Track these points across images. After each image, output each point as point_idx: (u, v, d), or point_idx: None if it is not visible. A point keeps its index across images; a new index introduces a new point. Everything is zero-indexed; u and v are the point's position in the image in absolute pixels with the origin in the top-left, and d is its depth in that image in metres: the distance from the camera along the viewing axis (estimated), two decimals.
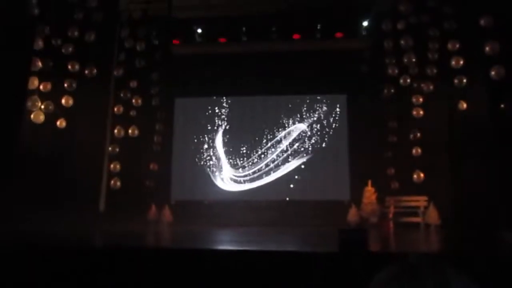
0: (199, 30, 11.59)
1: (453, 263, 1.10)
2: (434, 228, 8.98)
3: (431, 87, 9.22)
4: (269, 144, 11.66)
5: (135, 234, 7.16)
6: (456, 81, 8.63)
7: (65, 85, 9.01)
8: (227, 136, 11.83)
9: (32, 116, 8.38)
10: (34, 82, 8.52)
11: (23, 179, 8.52)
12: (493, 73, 7.57)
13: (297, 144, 11.60)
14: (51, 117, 8.92)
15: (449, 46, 8.64)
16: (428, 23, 9.05)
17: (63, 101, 9.11)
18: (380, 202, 9.99)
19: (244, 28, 11.42)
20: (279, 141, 11.65)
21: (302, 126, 11.70)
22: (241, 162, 11.66)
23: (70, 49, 9.04)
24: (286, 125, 11.72)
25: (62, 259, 3.92)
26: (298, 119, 11.73)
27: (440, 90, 9.34)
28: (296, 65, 11.37)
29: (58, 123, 9.16)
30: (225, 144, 11.79)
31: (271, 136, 11.69)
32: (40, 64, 8.45)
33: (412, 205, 9.69)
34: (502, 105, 7.44)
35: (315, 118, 11.68)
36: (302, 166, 11.47)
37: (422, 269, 1.08)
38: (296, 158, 11.52)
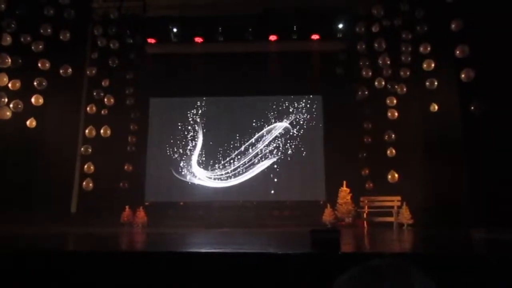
0: (175, 30, 11.46)
1: (421, 263, 1.10)
2: (407, 228, 9.15)
3: (405, 89, 9.39)
4: (245, 145, 11.64)
5: (107, 237, 7.01)
6: (427, 83, 8.81)
7: (35, 83, 8.73)
8: (203, 136, 11.75)
9: None
10: (3, 79, 8.23)
11: None
12: (463, 75, 7.77)
13: (273, 145, 11.63)
14: (21, 117, 8.65)
15: (421, 49, 8.82)
16: (401, 26, 9.22)
17: (33, 100, 8.84)
18: (355, 202, 10.12)
19: (220, 28, 11.36)
20: (255, 142, 11.65)
21: (278, 127, 11.73)
22: (217, 162, 11.60)
23: (41, 46, 8.78)
24: (262, 125, 11.74)
25: (31, 262, 3.79)
26: (274, 119, 11.76)
27: (413, 92, 9.53)
28: (272, 66, 11.41)
29: (28, 122, 8.89)
30: (200, 144, 11.70)
31: (247, 137, 11.68)
32: (9, 61, 8.17)
33: (386, 205, 9.84)
34: (472, 107, 7.63)
35: (290, 119, 11.74)
36: (278, 167, 11.51)
37: (384, 270, 1.08)
38: (272, 158, 11.55)
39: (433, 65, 8.66)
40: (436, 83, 8.73)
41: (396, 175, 9.40)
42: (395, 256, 1.09)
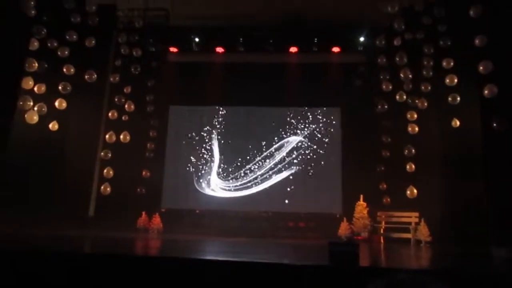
0: (197, 39, 11.63)
1: (442, 280, 1.08)
2: (425, 244, 8.97)
3: (425, 103, 9.28)
4: (262, 155, 11.64)
5: (123, 241, 7.07)
6: (450, 98, 8.69)
7: (60, 87, 8.93)
8: (220, 145, 11.80)
9: (26, 115, 8.25)
10: (29, 83, 8.44)
11: (11, 181, 8.42)
12: (486, 91, 7.64)
13: (290, 156, 11.60)
14: (43, 119, 8.84)
15: (444, 63, 8.72)
16: (423, 40, 9.14)
17: (56, 103, 9.03)
18: (371, 216, 9.99)
19: (241, 39, 11.48)
20: (273, 152, 11.65)
21: (295, 138, 11.71)
22: (234, 171, 11.62)
23: (66, 52, 9.00)
24: (280, 136, 11.73)
25: (49, 263, 3.85)
26: (292, 130, 11.75)
27: (434, 107, 9.41)
28: (291, 77, 11.45)
29: (50, 125, 9.07)
30: (218, 153, 11.76)
31: (264, 147, 11.69)
32: (36, 65, 8.38)
33: (403, 221, 9.68)
34: (495, 123, 7.49)
35: (309, 131, 11.71)
36: (295, 178, 11.45)
37: (408, 284, 1.08)
38: (289, 169, 11.51)
39: (456, 80, 8.54)
40: (458, 98, 8.60)
41: (415, 191, 9.25)
42: (415, 272, 1.08)
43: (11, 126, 8.18)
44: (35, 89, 8.63)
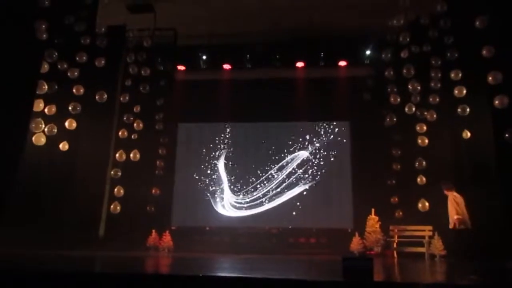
0: (204, 57, 11.76)
1: None
2: (439, 259, 8.78)
3: (435, 115, 9.21)
4: (271, 171, 11.61)
5: (134, 260, 7.03)
6: (459, 110, 8.61)
7: (70, 108, 9.04)
8: (230, 162, 11.80)
9: (33, 138, 8.37)
10: (39, 105, 8.57)
11: (22, 201, 8.47)
12: (496, 102, 7.57)
13: (299, 171, 11.55)
14: (54, 140, 8.92)
15: (452, 75, 8.68)
16: (430, 52, 9.13)
17: (66, 124, 9.13)
18: (383, 231, 9.84)
19: (248, 55, 11.58)
20: (282, 168, 11.61)
21: (305, 153, 11.67)
22: (243, 188, 11.58)
23: (76, 73, 9.14)
24: (289, 151, 11.71)
25: (60, 285, 3.83)
26: (301, 145, 11.72)
27: (444, 119, 9.33)
28: (299, 92, 11.48)
29: (60, 146, 9.16)
30: (227, 170, 11.75)
31: (273, 163, 11.65)
32: (46, 87, 8.52)
33: (416, 235, 9.51)
34: (507, 134, 7.39)
35: (318, 145, 11.68)
36: (305, 193, 11.38)
37: None
38: (299, 185, 11.45)
39: (464, 91, 8.48)
40: (468, 109, 8.52)
41: (427, 204, 9.10)
42: (431, 287, 1.05)
43: (24, 147, 8.27)
44: (46, 110, 8.75)
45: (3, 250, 6.97)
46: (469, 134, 8.77)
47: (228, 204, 11.54)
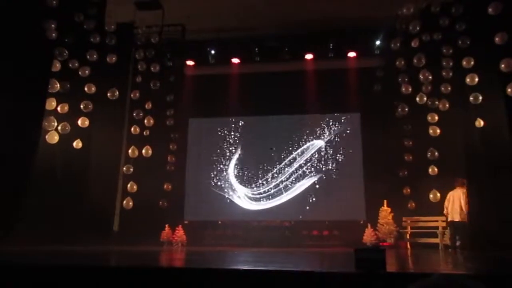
0: (213, 52, 11.77)
1: (477, 284, 1.05)
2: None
3: (447, 105, 9.09)
4: (282, 164, 11.61)
5: (149, 254, 7.11)
6: (471, 98, 8.47)
7: (82, 106, 9.14)
8: (241, 155, 11.83)
9: (47, 136, 8.50)
10: (52, 104, 8.68)
11: (37, 198, 8.60)
12: (509, 89, 7.45)
13: (311, 164, 11.53)
14: (67, 138, 9.04)
15: (464, 63, 8.54)
16: (441, 40, 8.99)
17: (79, 122, 9.24)
18: (396, 222, 9.80)
19: (256, 49, 11.55)
20: (293, 161, 11.60)
21: (316, 145, 11.64)
22: (255, 181, 11.61)
23: (87, 71, 9.23)
24: (300, 144, 11.69)
25: (75, 278, 3.88)
26: (312, 138, 11.69)
27: (456, 108, 9.20)
28: (309, 84, 11.43)
29: (74, 144, 9.27)
30: (239, 163, 11.78)
31: (284, 156, 11.65)
32: (58, 86, 8.62)
33: (430, 226, 9.45)
34: None
35: (329, 137, 11.63)
36: (317, 186, 11.37)
37: (443, 286, 1.05)
38: (310, 177, 11.44)
39: (476, 79, 8.35)
40: (480, 97, 8.38)
41: (438, 195, 9.02)
42: (449, 276, 1.05)
43: (38, 145, 8.39)
44: (58, 109, 8.86)
45: (18, 246, 7.09)
46: (482, 123, 8.61)
47: (240, 198, 11.58)
